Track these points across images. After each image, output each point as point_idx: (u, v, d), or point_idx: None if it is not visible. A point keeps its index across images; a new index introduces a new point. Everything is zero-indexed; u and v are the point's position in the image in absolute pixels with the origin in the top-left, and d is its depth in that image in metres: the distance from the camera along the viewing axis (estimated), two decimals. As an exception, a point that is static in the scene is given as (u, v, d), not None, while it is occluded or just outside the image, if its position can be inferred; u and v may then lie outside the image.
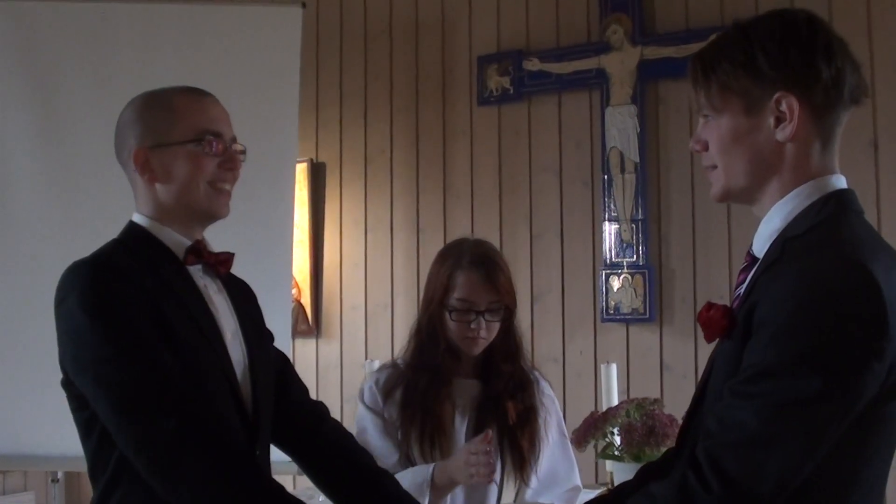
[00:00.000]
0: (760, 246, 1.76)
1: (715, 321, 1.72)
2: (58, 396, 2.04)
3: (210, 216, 2.12)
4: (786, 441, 1.55)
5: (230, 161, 2.10)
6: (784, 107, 1.70)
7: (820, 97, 1.70)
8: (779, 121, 1.71)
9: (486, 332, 2.73)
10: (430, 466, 2.64)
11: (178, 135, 2.06)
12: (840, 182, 1.74)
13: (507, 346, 2.81)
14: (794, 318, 1.55)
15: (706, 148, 1.80)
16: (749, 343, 1.63)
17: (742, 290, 1.76)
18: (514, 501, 2.73)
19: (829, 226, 1.66)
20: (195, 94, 2.12)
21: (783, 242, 1.68)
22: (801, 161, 1.72)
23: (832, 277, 1.56)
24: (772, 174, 1.74)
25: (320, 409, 2.40)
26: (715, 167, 1.79)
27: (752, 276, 1.73)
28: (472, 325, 2.70)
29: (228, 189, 2.12)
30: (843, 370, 1.54)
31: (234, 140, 2.13)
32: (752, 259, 1.78)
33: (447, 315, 2.73)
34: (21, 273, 4.11)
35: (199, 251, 2.10)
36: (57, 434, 2.05)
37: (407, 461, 2.72)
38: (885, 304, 1.54)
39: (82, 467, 2.09)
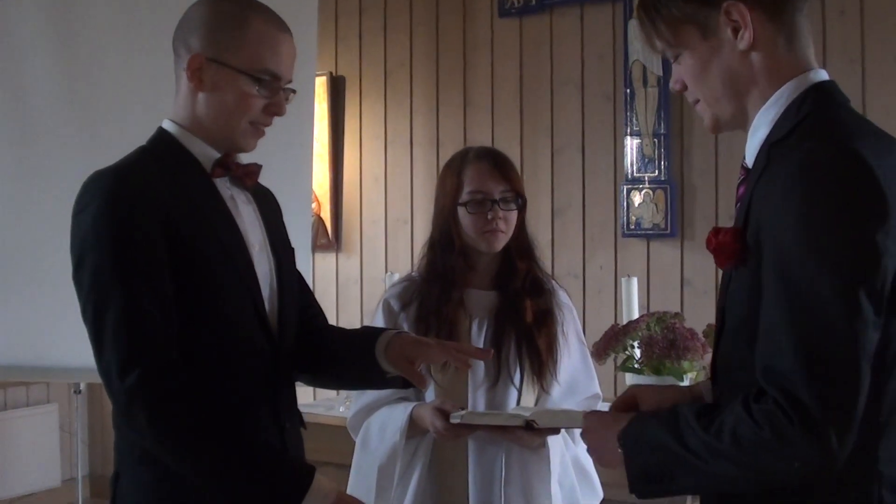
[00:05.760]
0: (751, 156, 1.72)
1: (727, 246, 1.67)
2: (78, 308, 2.04)
3: (237, 149, 2.08)
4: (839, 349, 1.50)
5: (277, 106, 2.04)
6: (735, 15, 1.66)
7: None
8: (736, 31, 1.67)
9: (505, 223, 2.71)
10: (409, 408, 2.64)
11: (240, 61, 1.99)
12: (819, 75, 1.69)
13: (522, 244, 2.78)
14: (801, 251, 1.52)
15: (685, 87, 1.77)
16: (764, 289, 1.57)
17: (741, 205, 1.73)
18: (536, 405, 2.73)
19: (811, 123, 1.62)
20: (274, 27, 2.04)
21: (768, 149, 1.65)
22: (772, 64, 1.68)
23: (824, 175, 1.52)
24: (748, 87, 1.70)
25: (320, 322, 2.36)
26: (699, 101, 1.77)
27: (748, 189, 1.70)
28: (489, 216, 2.69)
29: (264, 130, 2.08)
30: (857, 272, 1.50)
31: (289, 82, 2.07)
32: (747, 171, 1.75)
33: (462, 213, 2.71)
34: (41, 184, 4.10)
35: (227, 164, 2.06)
36: (78, 345, 2.05)
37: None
38: (882, 186, 1.50)
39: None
